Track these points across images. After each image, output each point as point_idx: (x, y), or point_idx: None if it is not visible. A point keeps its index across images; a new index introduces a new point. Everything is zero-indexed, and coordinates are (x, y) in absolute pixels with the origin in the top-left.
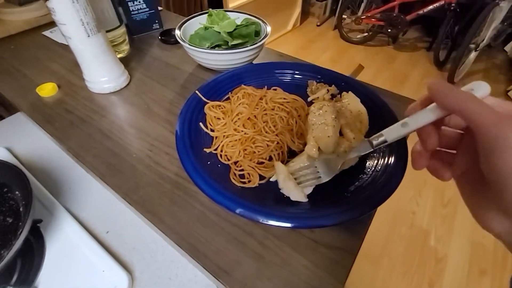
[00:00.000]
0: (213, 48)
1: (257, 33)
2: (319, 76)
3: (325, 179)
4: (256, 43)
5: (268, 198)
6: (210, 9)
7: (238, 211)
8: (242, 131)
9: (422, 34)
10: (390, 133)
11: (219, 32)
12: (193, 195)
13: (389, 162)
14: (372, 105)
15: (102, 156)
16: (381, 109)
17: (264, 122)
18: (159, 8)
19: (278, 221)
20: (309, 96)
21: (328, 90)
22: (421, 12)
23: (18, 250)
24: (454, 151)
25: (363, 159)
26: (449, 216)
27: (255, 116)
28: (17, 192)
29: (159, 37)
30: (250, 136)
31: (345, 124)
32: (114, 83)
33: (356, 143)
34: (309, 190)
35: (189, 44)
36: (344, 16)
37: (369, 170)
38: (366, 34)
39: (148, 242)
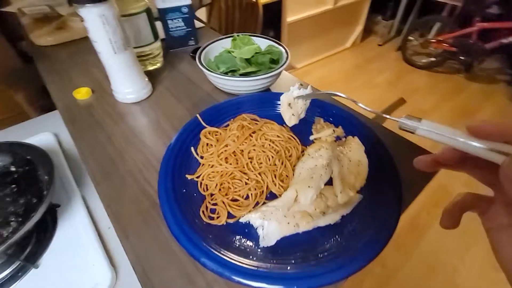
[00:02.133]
0: (227, 73)
1: (275, 61)
2: (329, 114)
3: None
4: (267, 73)
5: (233, 242)
6: (236, 34)
7: (202, 260)
8: (222, 164)
9: (503, 65)
10: (426, 125)
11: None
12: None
13: (371, 230)
14: (377, 158)
15: (101, 161)
16: (385, 166)
17: (249, 159)
18: (202, 25)
19: (236, 277)
20: (313, 134)
21: (334, 131)
22: (505, 41)
23: (33, 226)
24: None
25: (347, 219)
26: (501, 284)
27: (242, 150)
28: (46, 177)
29: (190, 54)
30: (230, 171)
31: (339, 173)
32: (136, 94)
33: (342, 199)
34: (272, 242)
35: (204, 67)
36: (410, 37)
37: (348, 232)
38: (433, 59)
39: None
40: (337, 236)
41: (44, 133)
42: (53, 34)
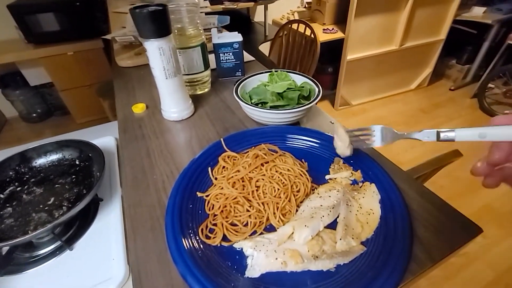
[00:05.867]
0: (257, 104)
1: (306, 98)
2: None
3: (377, 144)
4: (293, 108)
5: (221, 266)
6: (273, 69)
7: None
8: (228, 188)
9: None
10: (462, 135)
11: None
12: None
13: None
14: (392, 212)
15: (135, 169)
16: (399, 222)
17: (256, 187)
18: (252, 58)
19: None
20: (329, 173)
21: (352, 173)
22: None
23: (77, 213)
24: None
25: (342, 270)
26: None
27: (250, 178)
28: (97, 174)
29: (234, 84)
30: (234, 196)
31: (344, 218)
32: (179, 114)
33: (341, 247)
34: (256, 274)
35: (238, 96)
36: (491, 85)
37: (339, 284)
38: None
39: None
40: (326, 286)
41: (109, 136)
42: (132, 58)
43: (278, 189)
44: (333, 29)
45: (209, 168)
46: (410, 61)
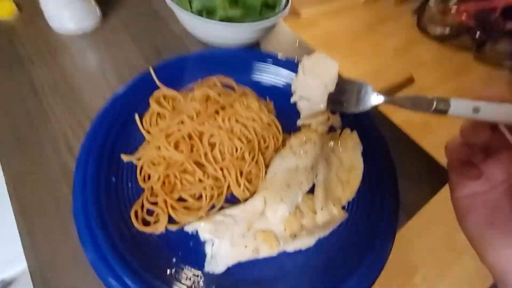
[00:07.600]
0: (201, 13)
1: (270, 6)
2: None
3: (349, 109)
4: (256, 22)
5: (167, 262)
6: None
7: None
8: (168, 149)
9: None
10: (457, 107)
11: None
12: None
13: (353, 263)
14: (375, 165)
15: (14, 116)
16: (384, 177)
17: (210, 145)
18: None
19: None
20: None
21: (329, 118)
22: None
23: None
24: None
25: (322, 244)
26: None
27: (201, 133)
28: None
29: None
30: (180, 162)
31: (324, 180)
32: (76, 22)
33: (322, 219)
34: (220, 268)
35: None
36: (431, 3)
37: (323, 261)
38: (448, 31)
39: None
40: (308, 267)
41: None
42: None
43: (241, 148)
44: None
45: (137, 115)
46: None
